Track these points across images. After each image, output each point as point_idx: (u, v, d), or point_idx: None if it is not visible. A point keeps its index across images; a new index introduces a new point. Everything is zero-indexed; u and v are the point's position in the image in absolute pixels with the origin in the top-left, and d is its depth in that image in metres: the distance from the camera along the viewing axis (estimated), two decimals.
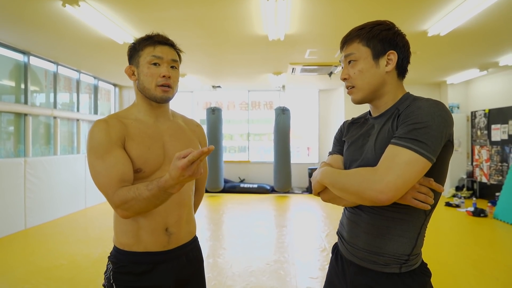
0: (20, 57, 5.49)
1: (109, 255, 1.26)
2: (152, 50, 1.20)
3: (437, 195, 1.00)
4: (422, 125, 0.91)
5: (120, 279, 1.19)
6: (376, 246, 1.03)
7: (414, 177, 0.90)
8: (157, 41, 1.22)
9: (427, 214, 1.03)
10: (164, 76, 1.21)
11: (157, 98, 1.23)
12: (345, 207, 1.17)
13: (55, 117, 6.26)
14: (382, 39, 1.03)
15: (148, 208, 1.08)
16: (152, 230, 1.20)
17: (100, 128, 1.15)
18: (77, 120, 7.02)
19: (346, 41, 1.09)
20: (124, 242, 1.21)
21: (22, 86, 5.56)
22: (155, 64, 1.20)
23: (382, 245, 1.02)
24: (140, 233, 1.20)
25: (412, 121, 0.93)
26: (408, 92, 1.08)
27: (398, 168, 0.89)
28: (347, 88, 1.10)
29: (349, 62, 1.08)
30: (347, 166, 1.13)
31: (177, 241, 1.26)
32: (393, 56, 1.03)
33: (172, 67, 1.24)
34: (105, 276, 1.23)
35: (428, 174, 0.94)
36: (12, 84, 5.47)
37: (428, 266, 1.09)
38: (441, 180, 0.99)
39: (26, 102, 5.55)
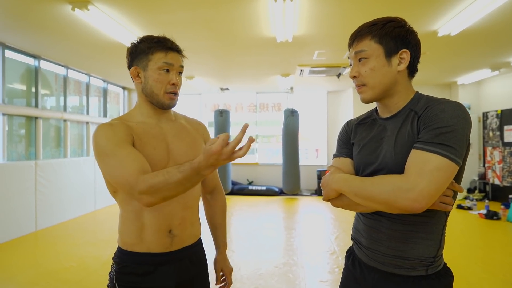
0: (31, 61, 5.57)
1: (113, 256, 1.26)
2: (163, 56, 1.18)
3: (455, 194, 0.99)
4: (449, 129, 0.89)
5: (123, 280, 1.19)
6: (401, 250, 1.01)
7: (446, 183, 0.88)
8: (170, 47, 1.20)
9: (447, 214, 1.02)
10: (173, 84, 1.21)
11: (164, 105, 1.22)
12: (360, 212, 1.14)
13: (65, 120, 6.34)
14: (395, 36, 1.00)
15: (178, 192, 1.02)
16: (155, 231, 1.19)
17: (106, 129, 1.13)
18: (87, 123, 7.09)
19: (357, 37, 1.04)
20: (127, 242, 1.21)
21: (33, 89, 5.64)
22: (166, 70, 1.19)
23: (408, 249, 1.00)
24: (144, 234, 1.19)
25: (438, 125, 0.90)
26: (418, 91, 1.06)
27: (430, 175, 0.86)
28: (357, 87, 1.06)
29: (360, 59, 1.03)
30: (360, 170, 1.10)
31: (181, 242, 1.25)
32: (405, 55, 1.00)
33: (179, 73, 1.24)
34: (109, 276, 1.23)
35: None
36: (23, 87, 5.55)
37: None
38: (459, 180, 0.98)
39: (37, 106, 5.63)
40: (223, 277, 1.46)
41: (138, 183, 1.01)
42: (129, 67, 1.25)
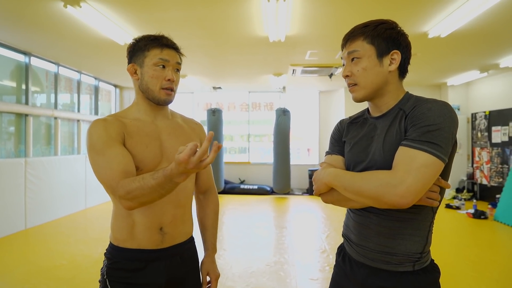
0: (21, 57, 5.50)
1: (105, 251, 1.27)
2: (159, 52, 1.20)
3: (442, 191, 1.02)
4: (436, 127, 0.92)
5: (113, 275, 1.20)
6: (388, 246, 1.04)
7: (432, 179, 0.91)
8: (165, 44, 1.22)
9: (434, 211, 1.05)
10: (169, 80, 1.22)
11: (160, 101, 1.24)
12: (350, 209, 1.17)
13: (55, 118, 6.27)
14: (387, 38, 1.04)
15: (153, 198, 1.04)
16: (146, 228, 1.20)
17: (98, 126, 1.15)
18: (78, 120, 7.03)
19: (350, 37, 1.08)
20: (118, 238, 1.22)
21: (23, 86, 5.57)
22: (161, 66, 1.21)
23: (395, 245, 1.03)
24: (135, 230, 1.20)
25: (425, 123, 0.93)
26: (408, 92, 1.09)
27: (417, 172, 0.89)
28: (349, 86, 1.09)
29: (352, 59, 1.07)
30: (350, 167, 1.13)
31: (172, 240, 1.26)
32: (396, 55, 1.04)
33: (176, 70, 1.26)
34: (101, 271, 1.25)
35: None
36: (13, 84, 5.48)
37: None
38: (446, 177, 1.01)
39: (27, 103, 5.56)
40: (209, 283, 1.42)
41: (118, 187, 1.05)
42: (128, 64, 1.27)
